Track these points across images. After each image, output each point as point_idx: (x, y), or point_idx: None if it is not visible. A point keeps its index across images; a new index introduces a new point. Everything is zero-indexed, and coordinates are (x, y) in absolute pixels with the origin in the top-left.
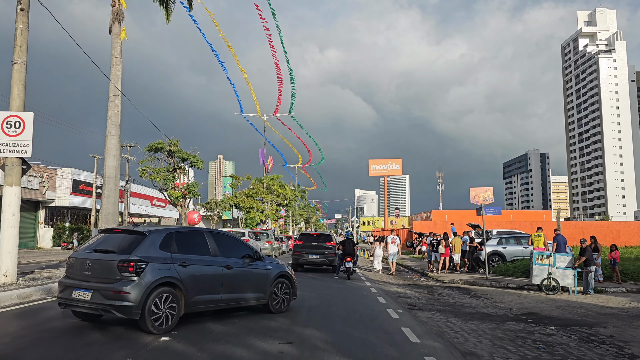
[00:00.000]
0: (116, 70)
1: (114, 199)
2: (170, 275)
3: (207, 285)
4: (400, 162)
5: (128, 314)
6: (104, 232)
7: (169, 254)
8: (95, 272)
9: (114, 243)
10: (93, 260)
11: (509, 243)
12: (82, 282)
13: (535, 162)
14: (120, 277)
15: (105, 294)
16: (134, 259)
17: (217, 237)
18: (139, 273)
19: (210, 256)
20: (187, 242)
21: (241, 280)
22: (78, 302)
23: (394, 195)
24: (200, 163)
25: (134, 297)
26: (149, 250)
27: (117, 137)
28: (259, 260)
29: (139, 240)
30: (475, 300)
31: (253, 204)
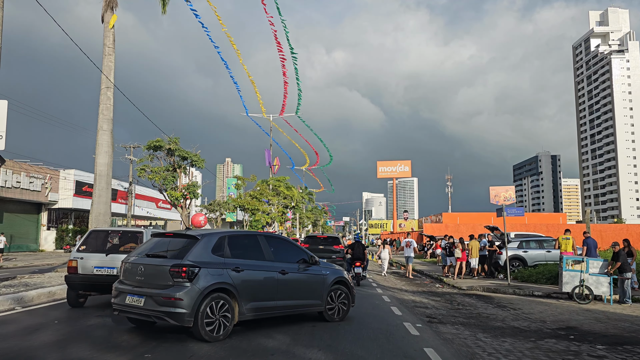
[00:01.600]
0: (108, 61)
1: (106, 198)
2: (224, 281)
3: (262, 291)
4: (409, 164)
5: (181, 321)
6: (156, 236)
7: (222, 258)
8: (148, 278)
9: (166, 247)
10: (145, 265)
11: (530, 247)
12: (135, 287)
13: (546, 164)
14: (173, 283)
15: (157, 300)
16: (186, 263)
17: (271, 241)
18: (191, 278)
19: (264, 261)
20: (240, 246)
21: (297, 286)
22: (131, 308)
23: (402, 198)
24: (201, 162)
25: (187, 303)
26: (202, 254)
27: (110, 132)
28: (315, 265)
29: (191, 245)
30: (501, 310)
31: (258, 206)
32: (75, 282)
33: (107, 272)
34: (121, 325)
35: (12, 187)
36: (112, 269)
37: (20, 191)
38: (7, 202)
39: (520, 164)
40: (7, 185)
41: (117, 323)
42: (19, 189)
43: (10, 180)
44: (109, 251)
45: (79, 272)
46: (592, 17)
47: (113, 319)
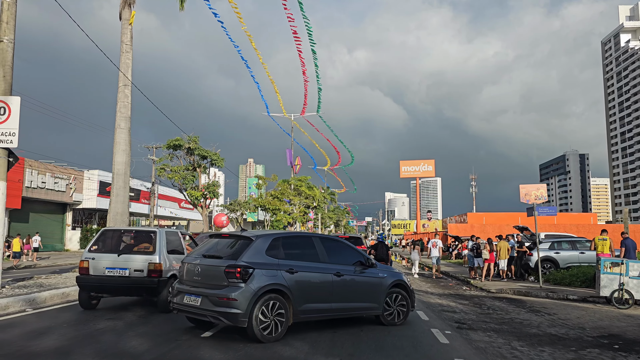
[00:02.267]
0: (126, 58)
1: (124, 197)
2: (278, 282)
3: (316, 293)
4: (432, 163)
5: (235, 321)
6: (213, 236)
7: (276, 259)
8: (204, 278)
9: (221, 248)
10: (202, 265)
11: (562, 248)
12: (193, 287)
13: (574, 163)
14: (228, 283)
15: (213, 300)
16: (240, 264)
17: (326, 243)
18: (245, 279)
19: (319, 262)
20: (294, 247)
21: (352, 288)
22: (189, 307)
23: (425, 198)
24: (220, 161)
25: (241, 304)
26: (256, 255)
27: (127, 131)
28: (371, 267)
29: (245, 245)
30: (535, 315)
31: (279, 206)
32: (87, 283)
33: (119, 273)
34: (131, 330)
35: (37, 187)
36: (124, 270)
37: (45, 191)
38: (32, 202)
39: (547, 163)
40: (33, 186)
41: (127, 327)
42: (44, 190)
43: (36, 180)
44: (121, 251)
45: (90, 273)
46: (622, 11)
47: (124, 322)
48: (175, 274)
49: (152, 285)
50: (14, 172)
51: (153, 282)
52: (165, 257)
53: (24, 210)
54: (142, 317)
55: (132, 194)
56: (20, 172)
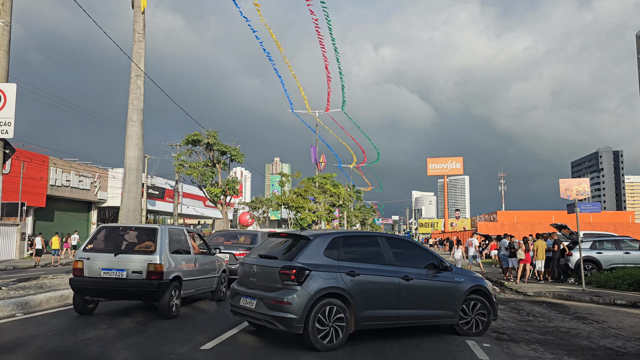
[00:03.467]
0: (138, 48)
1: (136, 193)
2: (337, 286)
3: (381, 298)
4: (461, 161)
5: (290, 327)
6: (272, 235)
7: (336, 261)
8: (260, 280)
9: (277, 248)
10: (258, 266)
11: (604, 247)
12: (249, 289)
13: (607, 160)
14: (282, 286)
15: (267, 303)
16: (295, 266)
17: (393, 243)
18: (301, 282)
19: (384, 265)
20: (356, 248)
21: (423, 294)
22: (244, 310)
23: (452, 197)
24: (240, 156)
25: (296, 308)
26: (313, 256)
27: (140, 124)
28: (446, 270)
29: (302, 246)
30: (582, 323)
31: (303, 204)
32: (81, 286)
33: (116, 274)
34: (121, 341)
35: (62, 185)
36: (121, 272)
37: (70, 190)
38: (57, 200)
39: (578, 161)
40: (57, 184)
41: (118, 336)
42: (69, 188)
43: (60, 179)
44: (118, 251)
45: (85, 275)
46: None
47: (117, 331)
48: (179, 276)
49: (151, 288)
50: (37, 170)
51: (152, 285)
52: (167, 257)
53: (49, 208)
54: (140, 324)
55: (156, 192)
56: (45, 170)
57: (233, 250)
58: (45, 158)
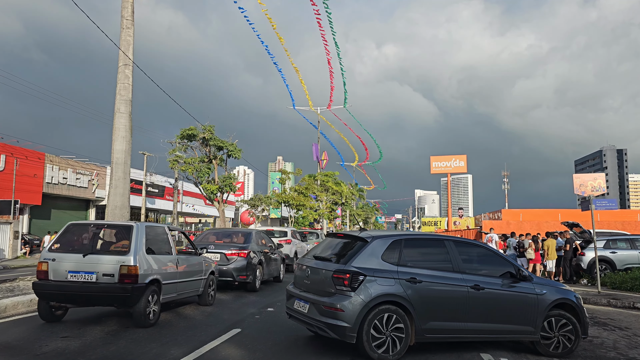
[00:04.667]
0: (127, 35)
1: (123, 189)
2: (395, 293)
3: (446, 308)
4: (464, 159)
5: (342, 335)
6: (329, 236)
7: (395, 266)
8: (313, 283)
9: (333, 250)
10: (312, 268)
11: (618, 246)
12: (302, 292)
13: (611, 159)
14: (335, 291)
15: (319, 308)
16: (349, 270)
17: (462, 248)
18: (354, 287)
19: (451, 272)
20: (419, 252)
21: (496, 306)
22: (298, 314)
23: (455, 195)
24: (237, 152)
25: (349, 315)
26: (369, 260)
27: (128, 115)
28: (524, 280)
29: (358, 248)
30: (604, 330)
31: (304, 201)
32: (45, 290)
33: (84, 278)
34: (82, 356)
35: (58, 183)
36: (90, 275)
37: (67, 188)
38: (54, 198)
39: (582, 159)
40: (54, 182)
41: (81, 350)
42: (66, 186)
43: (57, 176)
44: (87, 251)
45: (50, 278)
46: None
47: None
48: (158, 279)
49: (124, 293)
50: (31, 167)
51: (125, 290)
52: (143, 258)
53: (45, 206)
54: (111, 334)
55: (156, 191)
56: (41, 168)
57: (224, 250)
58: (41, 155)
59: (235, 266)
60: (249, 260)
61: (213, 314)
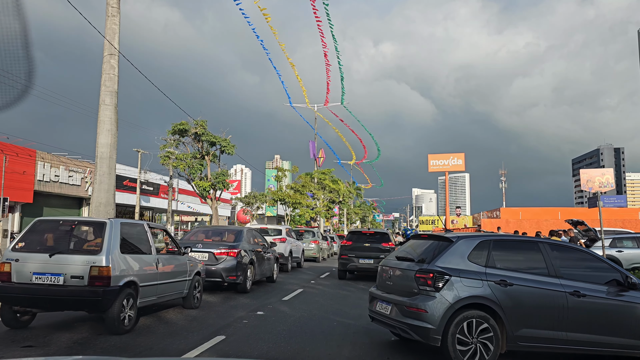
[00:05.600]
0: (112, 24)
1: (108, 185)
2: (483, 295)
3: (541, 315)
4: (462, 157)
5: (426, 338)
6: (414, 237)
7: (483, 267)
8: (396, 283)
9: (416, 250)
10: (394, 269)
11: (624, 245)
12: (384, 293)
13: (608, 157)
14: (418, 291)
15: (402, 309)
16: (432, 269)
17: (560, 252)
18: (438, 288)
19: (546, 276)
20: (509, 254)
21: (601, 316)
22: (380, 316)
23: (453, 194)
24: (231, 148)
25: (433, 317)
26: (455, 260)
27: (114, 107)
28: (634, 289)
29: (442, 248)
30: None
31: (300, 199)
32: (7, 294)
33: (51, 280)
34: None
35: (50, 181)
36: (57, 277)
37: (59, 185)
38: (45, 196)
39: (579, 158)
40: (45, 179)
41: None
42: (58, 183)
43: (48, 173)
44: (54, 250)
45: (13, 280)
46: None
47: (43, 353)
48: (134, 281)
49: (94, 297)
50: (22, 164)
51: (96, 294)
52: (117, 258)
53: (37, 204)
54: (79, 342)
55: (150, 189)
56: (32, 165)
57: (213, 249)
58: (33, 152)
59: (224, 266)
60: (239, 260)
61: (197, 318)
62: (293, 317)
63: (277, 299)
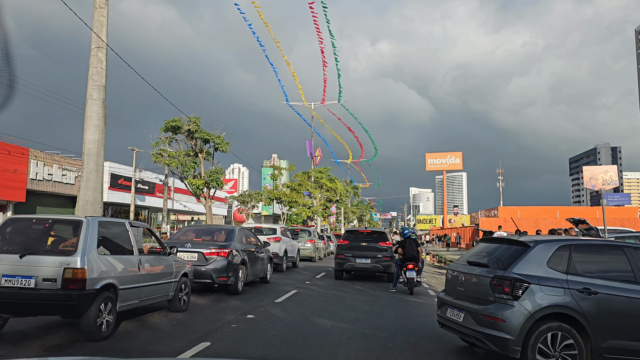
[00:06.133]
0: (100, 15)
1: (95, 183)
2: (565, 304)
3: (630, 325)
4: (460, 156)
5: (504, 349)
6: (484, 240)
7: (563, 274)
8: (468, 290)
9: (489, 255)
10: (465, 274)
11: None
12: (455, 300)
13: (605, 156)
14: (494, 299)
15: (476, 317)
16: (510, 276)
17: None
18: (517, 296)
19: (633, 283)
20: (591, 259)
21: None
22: (452, 322)
23: (450, 193)
24: (225, 145)
25: (512, 327)
26: (533, 266)
27: (101, 102)
28: None
29: (519, 253)
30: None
31: (297, 198)
32: None
33: (21, 283)
34: None
35: (43, 179)
36: (27, 279)
37: (52, 184)
38: (38, 195)
39: (577, 157)
40: (38, 178)
41: None
42: (51, 182)
43: (42, 172)
44: (25, 251)
45: None
46: None
47: None
48: (113, 283)
49: (69, 301)
50: (14, 162)
51: (70, 298)
52: (94, 259)
53: (30, 203)
54: (52, 350)
55: (146, 187)
56: (24, 163)
57: (202, 249)
58: (25, 150)
59: (214, 267)
60: (230, 260)
61: (183, 322)
62: (285, 321)
63: (270, 301)
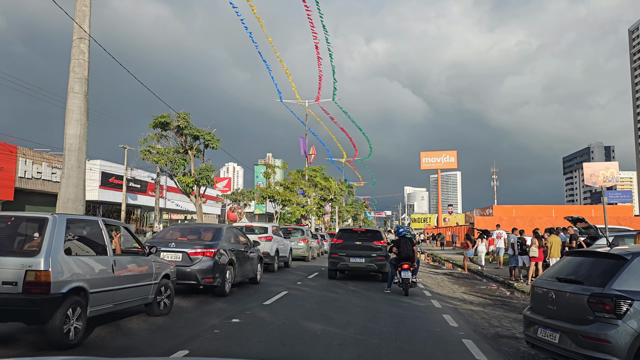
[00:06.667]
0: (82, 5)
1: (77, 180)
2: None
3: None
4: (455, 155)
5: None
6: (569, 254)
7: None
8: (561, 308)
9: (580, 270)
10: (557, 291)
11: (626, 244)
12: (547, 319)
13: (598, 155)
14: (594, 318)
15: (575, 338)
16: (611, 294)
17: None
18: (621, 315)
19: None
20: None
21: None
22: (544, 343)
23: (444, 192)
24: (215, 142)
25: (618, 349)
26: (634, 281)
27: (83, 95)
28: None
29: (616, 268)
30: None
31: (290, 197)
32: None
33: None
34: None
35: (32, 178)
36: None
37: (41, 182)
38: (27, 193)
39: (570, 156)
40: (27, 176)
41: None
42: (40, 180)
43: (30, 170)
44: None
45: None
46: None
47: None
48: (81, 286)
49: (31, 307)
50: (1, 160)
51: (33, 303)
52: (60, 260)
53: (18, 202)
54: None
55: (137, 186)
56: (13, 161)
57: (187, 249)
58: (14, 148)
59: (199, 267)
60: (217, 260)
61: (163, 327)
62: (272, 325)
63: (258, 303)
